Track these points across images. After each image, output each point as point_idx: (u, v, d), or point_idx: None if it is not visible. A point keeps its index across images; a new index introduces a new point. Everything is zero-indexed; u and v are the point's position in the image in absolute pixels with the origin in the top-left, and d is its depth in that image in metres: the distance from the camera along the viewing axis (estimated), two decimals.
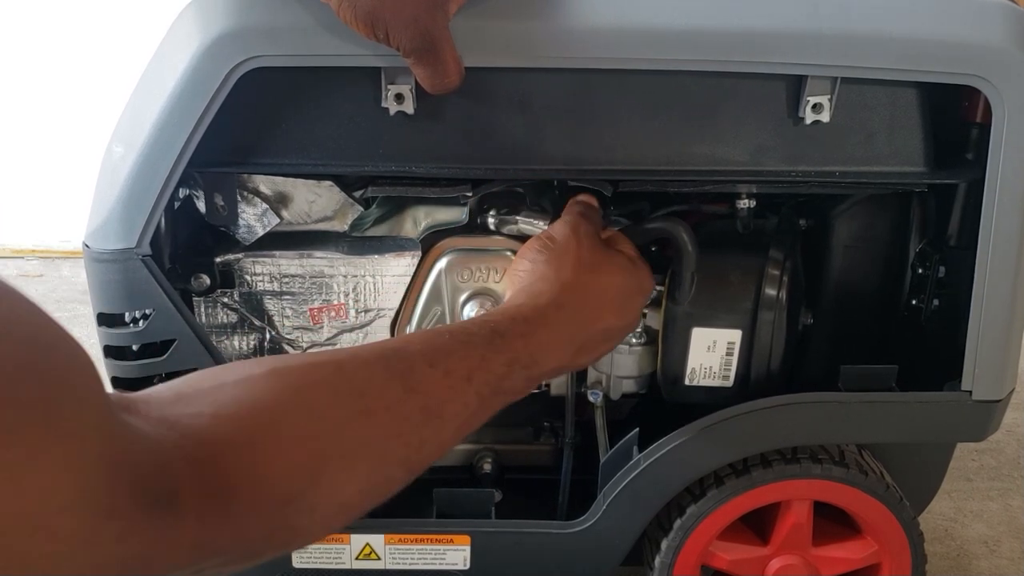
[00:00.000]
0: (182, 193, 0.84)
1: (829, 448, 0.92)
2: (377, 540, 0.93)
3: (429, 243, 0.89)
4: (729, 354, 0.89)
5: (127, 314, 0.82)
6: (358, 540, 0.93)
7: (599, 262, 0.73)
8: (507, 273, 0.73)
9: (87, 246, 0.80)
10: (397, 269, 0.88)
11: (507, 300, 0.69)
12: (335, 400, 0.48)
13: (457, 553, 0.94)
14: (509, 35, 0.73)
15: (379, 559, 0.94)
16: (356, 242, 0.89)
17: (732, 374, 0.90)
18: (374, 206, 0.90)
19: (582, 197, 0.81)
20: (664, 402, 0.94)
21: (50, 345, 0.33)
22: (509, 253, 0.88)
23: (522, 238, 0.89)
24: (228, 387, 0.45)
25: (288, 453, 0.45)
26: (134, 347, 0.84)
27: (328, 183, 0.85)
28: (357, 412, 0.49)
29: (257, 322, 0.89)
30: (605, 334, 0.71)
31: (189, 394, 0.44)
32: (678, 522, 0.93)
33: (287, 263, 0.87)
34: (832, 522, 0.98)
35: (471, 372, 0.56)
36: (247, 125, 0.77)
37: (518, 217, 0.87)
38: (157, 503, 0.38)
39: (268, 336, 0.90)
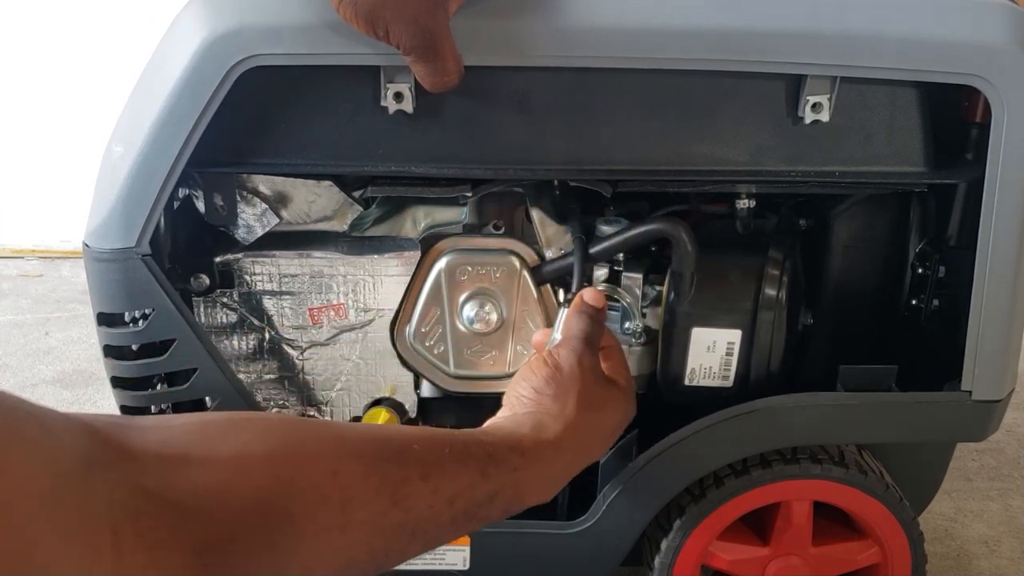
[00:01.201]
0: (181, 193, 0.84)
1: (829, 448, 0.92)
2: None
3: (429, 243, 0.89)
4: (729, 354, 0.89)
5: (127, 314, 0.82)
6: None
7: (599, 399, 0.72)
8: (508, 393, 0.71)
9: (87, 245, 0.80)
10: (397, 269, 0.88)
11: (509, 420, 0.67)
12: (320, 512, 0.47)
13: (457, 553, 0.94)
14: (509, 34, 0.73)
15: None
16: (356, 242, 0.89)
17: (732, 374, 0.90)
18: (374, 206, 0.90)
19: (589, 297, 0.78)
20: (664, 402, 0.94)
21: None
22: (509, 255, 0.88)
23: (525, 240, 0.89)
24: (217, 466, 0.43)
25: (239, 562, 0.43)
26: (134, 347, 0.84)
27: (327, 183, 0.85)
28: (336, 527, 0.48)
29: (257, 322, 0.89)
30: (586, 465, 0.71)
31: (175, 460, 0.42)
32: (678, 522, 0.93)
33: (286, 263, 0.87)
34: (832, 522, 0.98)
35: (456, 495, 0.55)
36: (246, 124, 0.77)
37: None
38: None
39: (267, 336, 0.90)
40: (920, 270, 0.91)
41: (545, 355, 0.72)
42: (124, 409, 0.86)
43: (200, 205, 0.84)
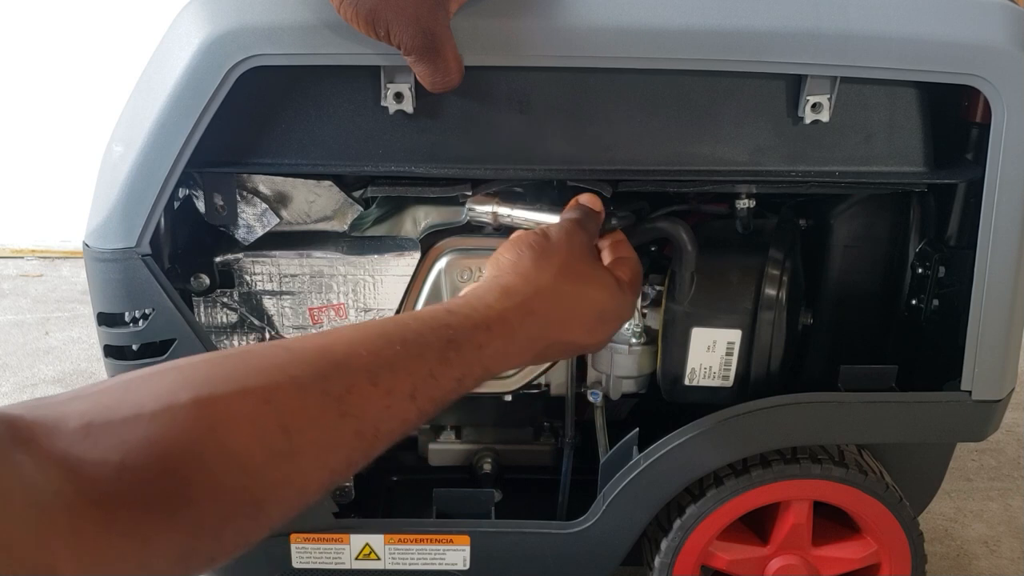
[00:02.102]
0: (182, 193, 0.84)
1: (828, 448, 0.92)
2: (377, 540, 0.93)
3: (429, 243, 0.89)
4: (729, 354, 0.89)
5: (127, 313, 0.82)
6: (358, 540, 0.93)
7: (585, 274, 0.70)
8: (491, 258, 0.70)
9: (87, 245, 0.80)
10: (397, 269, 0.88)
11: (480, 288, 0.65)
12: (258, 441, 0.45)
13: (456, 553, 0.94)
14: (509, 34, 0.73)
15: (379, 559, 0.94)
16: (356, 242, 0.89)
17: (732, 374, 0.90)
18: (374, 206, 0.90)
19: (585, 199, 0.78)
20: (664, 402, 0.94)
21: None
22: None
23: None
24: (144, 421, 0.42)
25: (194, 507, 0.42)
26: (134, 346, 0.84)
27: (327, 183, 0.85)
28: (281, 453, 0.46)
29: (257, 322, 0.89)
30: (568, 347, 0.69)
31: (99, 427, 0.40)
32: (678, 522, 0.93)
33: (287, 263, 0.87)
34: (832, 522, 0.98)
35: (416, 389, 0.53)
36: (246, 125, 0.77)
37: (513, 212, 0.85)
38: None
39: (268, 336, 0.90)
40: (920, 270, 0.91)
41: (536, 229, 0.72)
42: None
43: (200, 205, 0.84)
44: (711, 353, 0.89)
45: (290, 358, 0.49)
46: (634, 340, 0.92)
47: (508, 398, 0.96)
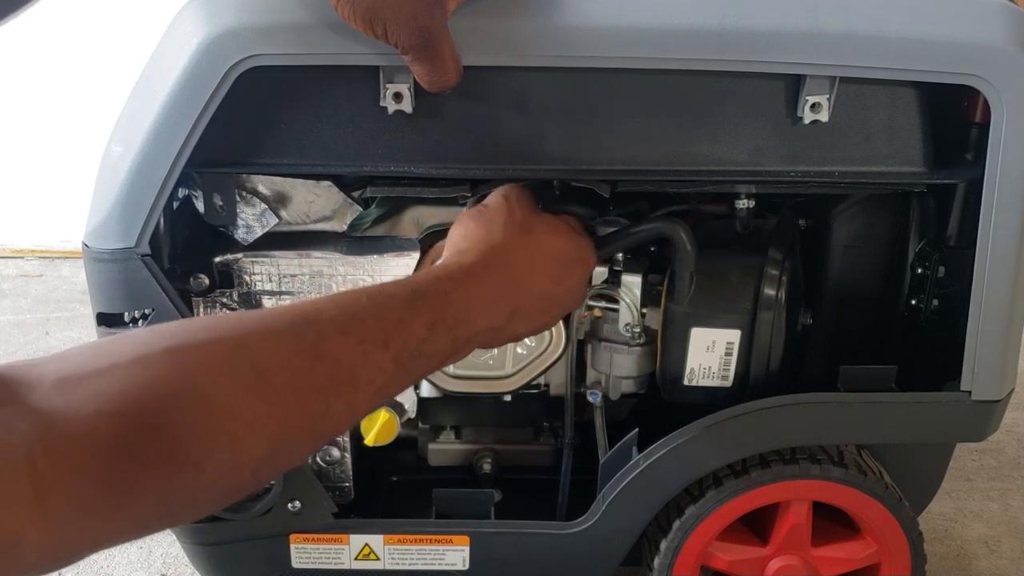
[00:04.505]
0: (181, 193, 0.84)
1: (828, 448, 0.92)
2: (376, 540, 0.93)
3: (429, 243, 0.89)
4: (728, 354, 0.89)
5: (126, 314, 0.82)
6: (357, 540, 0.93)
7: (533, 223, 0.72)
8: (445, 244, 0.73)
9: (86, 246, 0.80)
10: (396, 269, 0.88)
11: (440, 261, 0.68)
12: (232, 381, 0.47)
13: (456, 553, 0.94)
14: (508, 34, 0.73)
15: (378, 559, 0.94)
16: (355, 242, 0.89)
17: (731, 374, 0.90)
18: (373, 206, 0.90)
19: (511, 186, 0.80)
20: (664, 402, 0.94)
21: None
22: None
23: None
24: (119, 370, 0.44)
25: (168, 445, 0.43)
26: None
27: (327, 183, 0.85)
28: (255, 391, 0.47)
29: None
30: (542, 299, 0.69)
31: (75, 380, 0.42)
32: (677, 523, 0.93)
33: (286, 263, 0.87)
34: (832, 522, 0.98)
35: (388, 337, 0.55)
36: (245, 125, 0.77)
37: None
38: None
39: None
40: (920, 270, 0.91)
41: (474, 203, 0.74)
42: None
43: (199, 205, 0.84)
44: (710, 353, 0.89)
45: (260, 315, 0.52)
46: (633, 340, 0.92)
47: (508, 398, 0.96)
